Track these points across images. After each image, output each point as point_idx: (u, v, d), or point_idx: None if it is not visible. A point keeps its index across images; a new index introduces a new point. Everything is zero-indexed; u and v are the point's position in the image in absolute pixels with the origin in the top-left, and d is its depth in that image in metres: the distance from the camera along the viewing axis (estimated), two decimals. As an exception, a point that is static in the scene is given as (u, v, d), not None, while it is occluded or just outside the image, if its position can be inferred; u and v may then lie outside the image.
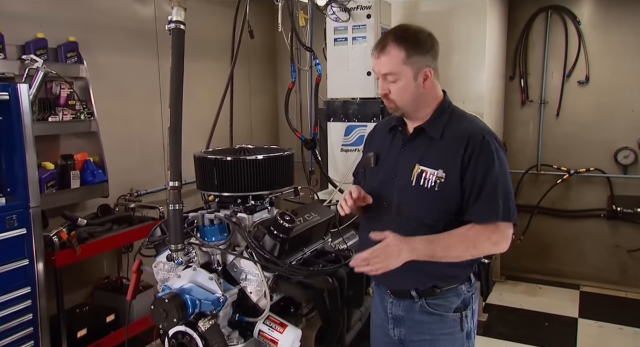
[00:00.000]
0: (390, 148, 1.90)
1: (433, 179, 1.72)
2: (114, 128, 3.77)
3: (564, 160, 4.67)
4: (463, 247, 1.67)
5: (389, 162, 1.87)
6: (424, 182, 1.74)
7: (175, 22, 2.09)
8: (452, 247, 1.67)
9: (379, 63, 1.77)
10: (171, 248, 1.97)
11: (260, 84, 5.30)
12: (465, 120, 1.82)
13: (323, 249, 2.45)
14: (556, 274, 4.81)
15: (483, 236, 1.67)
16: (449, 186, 1.71)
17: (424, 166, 1.75)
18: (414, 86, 1.76)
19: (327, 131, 3.36)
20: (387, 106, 1.83)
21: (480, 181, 1.68)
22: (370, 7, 3.36)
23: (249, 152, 2.26)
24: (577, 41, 4.51)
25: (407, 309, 1.89)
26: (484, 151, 1.70)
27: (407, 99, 1.77)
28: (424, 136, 1.80)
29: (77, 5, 3.56)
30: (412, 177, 1.76)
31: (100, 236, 3.21)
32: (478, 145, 1.70)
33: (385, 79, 1.77)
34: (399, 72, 1.73)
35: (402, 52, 1.72)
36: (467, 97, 3.93)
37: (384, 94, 1.79)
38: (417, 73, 1.75)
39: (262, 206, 2.31)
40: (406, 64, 1.73)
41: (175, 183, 1.98)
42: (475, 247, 1.67)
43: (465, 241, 1.67)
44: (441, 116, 1.81)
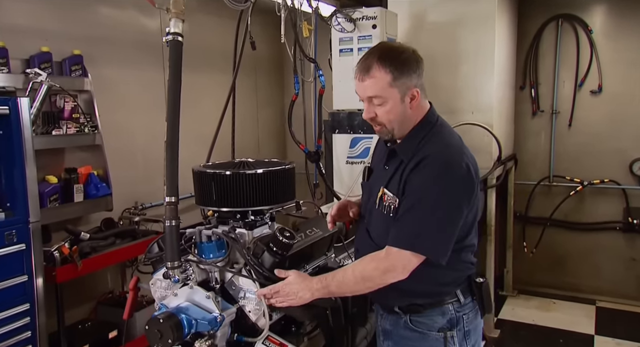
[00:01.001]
0: (380, 163, 1.87)
1: (388, 204, 1.70)
2: (119, 141, 3.75)
3: (577, 172, 4.56)
4: (353, 280, 1.67)
5: (376, 178, 1.86)
6: (381, 206, 1.72)
7: (173, 33, 2.06)
8: (345, 283, 1.68)
9: (363, 86, 1.69)
10: (167, 266, 1.91)
11: (268, 96, 5.27)
12: (431, 145, 1.70)
13: (326, 265, 2.38)
14: (571, 288, 4.68)
15: (370, 267, 1.66)
16: (397, 211, 1.67)
17: (387, 190, 1.72)
18: (401, 108, 1.69)
19: (332, 143, 3.30)
20: (375, 130, 1.78)
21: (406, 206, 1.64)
22: (375, 17, 3.33)
23: (249, 166, 2.20)
24: (589, 50, 4.43)
25: (393, 324, 1.87)
26: (420, 178, 1.63)
27: (395, 120, 1.70)
28: (396, 158, 1.75)
29: (83, 19, 3.56)
30: (377, 199, 1.75)
31: (103, 251, 3.17)
32: (420, 170, 1.63)
33: (371, 102, 1.69)
34: (385, 95, 1.66)
35: (388, 75, 1.64)
36: (476, 107, 3.86)
37: (370, 118, 1.73)
38: (404, 95, 1.68)
39: (262, 221, 2.25)
40: (392, 86, 1.65)
41: (171, 198, 1.92)
42: (364, 279, 1.66)
43: (355, 275, 1.66)
44: (416, 136, 1.72)
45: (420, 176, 1.63)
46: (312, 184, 3.40)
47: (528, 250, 4.69)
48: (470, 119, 3.82)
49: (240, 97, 4.93)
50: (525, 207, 4.75)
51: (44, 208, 3.06)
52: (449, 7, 3.88)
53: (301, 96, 3.53)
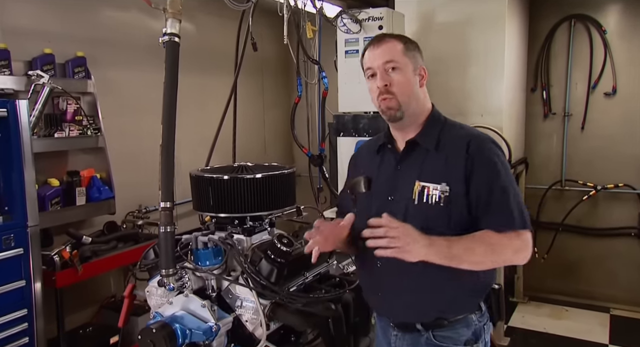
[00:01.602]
0: (381, 169, 1.76)
1: (437, 194, 1.58)
2: (123, 143, 3.72)
3: (590, 176, 4.44)
4: (482, 250, 1.52)
5: (383, 184, 1.72)
6: (427, 198, 1.59)
7: (169, 34, 2.02)
8: (472, 249, 1.52)
9: (377, 52, 1.64)
10: (162, 273, 1.86)
11: (274, 97, 5.23)
12: (460, 128, 1.71)
13: (327, 272, 2.32)
14: (584, 295, 4.55)
15: (504, 241, 1.53)
16: (455, 198, 1.57)
17: (424, 182, 1.61)
18: (413, 81, 1.65)
19: (337, 146, 3.23)
20: (385, 107, 1.64)
21: (487, 188, 1.56)
22: (382, 18, 3.26)
23: (248, 171, 2.15)
24: (603, 51, 4.31)
25: (412, 343, 1.73)
26: (486, 155, 1.59)
27: (409, 93, 1.63)
28: (418, 150, 1.67)
29: (86, 21, 3.54)
30: (413, 195, 1.61)
31: (104, 255, 3.14)
32: (478, 149, 1.59)
33: (385, 70, 1.62)
34: (400, 61, 1.62)
35: (400, 44, 1.65)
36: (486, 110, 3.78)
37: (384, 86, 1.62)
38: (415, 68, 1.66)
39: (261, 227, 2.19)
40: (405, 55, 1.64)
41: (166, 204, 1.88)
42: (496, 252, 1.53)
43: (485, 245, 1.52)
44: (434, 126, 1.69)
45: (484, 158, 1.58)
46: (316, 188, 3.33)
47: (539, 256, 4.58)
48: (480, 121, 3.73)
49: (247, 99, 4.92)
50: (536, 212, 4.64)
51: (45, 211, 3.04)
52: (458, 7, 3.80)
53: (305, 99, 3.46)
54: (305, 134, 3.57)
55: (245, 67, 4.77)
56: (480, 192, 1.56)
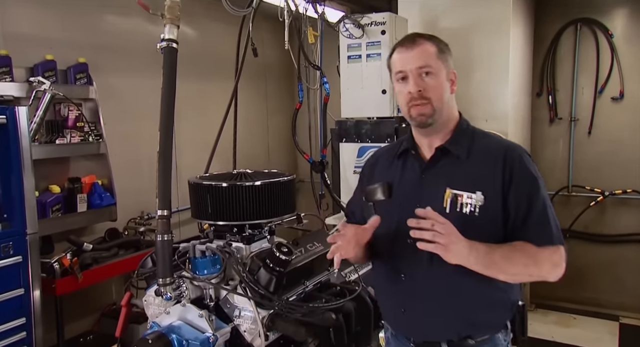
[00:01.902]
0: (403, 176, 1.66)
1: (471, 203, 1.50)
2: (126, 149, 3.71)
3: (598, 181, 4.38)
4: (523, 261, 1.45)
5: (408, 191, 1.62)
6: (460, 207, 1.51)
7: (167, 40, 1.98)
8: (511, 259, 1.45)
9: (411, 55, 1.54)
10: (159, 282, 1.83)
11: (278, 103, 5.21)
12: (491, 137, 1.65)
13: (328, 281, 2.28)
14: (592, 303, 4.48)
15: (544, 255, 1.46)
16: (490, 209, 1.49)
17: (456, 190, 1.52)
18: (446, 86, 1.58)
19: (339, 152, 3.20)
20: (416, 113, 1.55)
21: (527, 201, 1.49)
22: (384, 23, 3.23)
23: (247, 178, 2.12)
24: (610, 55, 4.26)
25: None
26: (525, 167, 1.53)
27: (442, 98, 1.55)
28: (447, 158, 1.58)
29: (89, 27, 3.54)
30: (444, 204, 1.52)
31: (105, 262, 3.12)
32: (517, 160, 1.53)
33: (419, 74, 1.53)
34: (435, 66, 1.54)
35: (434, 47, 1.56)
36: (491, 115, 3.73)
37: (417, 92, 1.53)
38: (448, 73, 1.58)
39: (260, 235, 2.16)
40: (439, 59, 1.56)
41: (163, 212, 1.84)
42: (536, 264, 1.45)
43: (526, 256, 1.45)
44: (463, 134, 1.61)
45: (524, 169, 1.52)
46: (318, 194, 3.30)
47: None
48: (485, 127, 3.63)
49: (250, 104, 4.90)
50: (543, 218, 4.57)
51: (46, 218, 3.03)
52: (461, 12, 3.76)
53: (307, 104, 3.43)
54: (307, 140, 3.53)
55: (249, 72, 4.77)
56: (520, 205, 1.49)
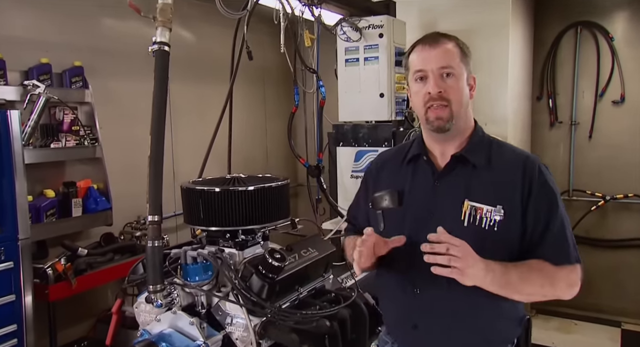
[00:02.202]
0: (414, 183, 1.58)
1: (492, 217, 1.44)
2: (122, 153, 3.68)
3: (599, 186, 4.34)
4: (540, 281, 1.40)
5: (419, 200, 1.54)
6: (480, 221, 1.44)
7: (159, 43, 1.94)
8: (528, 279, 1.39)
9: (433, 55, 1.48)
10: (149, 289, 1.80)
11: (276, 107, 5.18)
12: (507, 147, 1.59)
13: (323, 287, 2.24)
14: (593, 309, 4.42)
15: (562, 274, 1.42)
16: (510, 224, 1.44)
17: (475, 202, 1.46)
18: (466, 91, 1.53)
19: (336, 156, 3.17)
20: (434, 116, 1.48)
21: (546, 216, 1.44)
22: (382, 26, 3.20)
23: (240, 183, 2.08)
24: (611, 58, 4.22)
25: None
26: (544, 180, 1.47)
27: (462, 101, 1.50)
28: (463, 166, 1.51)
29: (85, 30, 3.52)
30: (462, 216, 1.46)
31: (100, 267, 3.09)
32: (537, 173, 1.47)
33: (440, 75, 1.47)
34: (457, 68, 1.48)
35: (457, 48, 1.51)
36: (490, 119, 3.68)
37: (438, 93, 1.47)
38: (468, 76, 1.54)
39: (254, 240, 2.13)
40: (462, 62, 1.51)
41: (154, 217, 1.81)
42: (552, 284, 1.41)
43: (543, 275, 1.40)
44: (480, 142, 1.56)
45: (544, 183, 1.46)
46: (315, 199, 3.26)
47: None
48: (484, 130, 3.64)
49: (249, 108, 4.88)
50: (543, 223, 4.53)
51: (40, 223, 3.01)
52: (460, 16, 3.73)
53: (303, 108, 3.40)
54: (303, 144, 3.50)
55: (247, 76, 4.77)
56: (539, 220, 1.44)
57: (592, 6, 4.26)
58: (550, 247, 1.43)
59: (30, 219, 2.92)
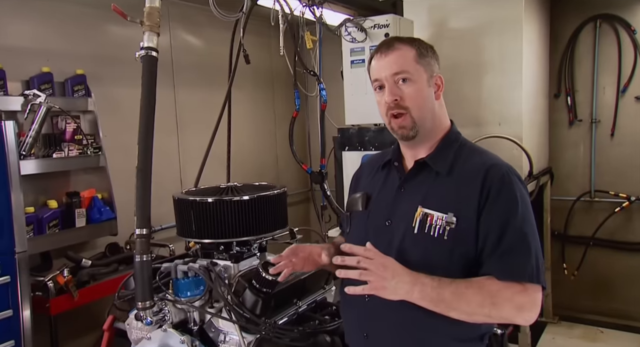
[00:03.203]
0: (383, 188, 1.54)
1: (441, 224, 1.36)
2: (127, 161, 3.58)
3: (622, 186, 4.13)
4: (477, 299, 1.28)
5: (382, 204, 1.51)
6: (429, 229, 1.37)
7: (146, 48, 1.88)
8: (464, 296, 1.28)
9: (385, 62, 1.42)
10: (138, 306, 1.72)
11: (286, 111, 5.08)
12: (479, 154, 1.48)
13: (324, 300, 2.14)
14: (620, 315, 4.21)
15: (506, 294, 1.29)
16: (461, 233, 1.35)
17: (428, 209, 1.39)
18: (427, 93, 1.44)
19: (342, 161, 3.06)
20: (396, 126, 1.43)
21: (501, 226, 1.33)
22: (388, 25, 3.10)
23: (234, 192, 2.00)
24: (633, 52, 4.01)
25: None
26: (506, 188, 1.36)
27: (422, 107, 1.42)
28: (427, 172, 1.46)
29: (88, 38, 3.48)
30: (413, 223, 1.39)
31: (103, 279, 3.03)
32: (497, 179, 1.36)
33: (395, 82, 1.41)
34: (412, 71, 1.41)
35: (412, 50, 1.43)
36: (503, 119, 3.55)
37: (394, 101, 1.40)
38: (430, 77, 1.45)
39: (250, 252, 2.04)
40: (418, 63, 1.43)
41: (142, 231, 1.74)
42: (493, 304, 1.28)
43: (483, 294, 1.29)
44: (448, 148, 1.47)
45: (505, 191, 1.36)
46: (319, 206, 3.15)
47: (569, 272, 4.27)
48: (497, 131, 3.50)
49: (258, 113, 4.80)
50: (564, 225, 4.34)
51: (43, 234, 2.96)
52: (472, 13, 3.59)
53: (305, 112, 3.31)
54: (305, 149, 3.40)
55: (255, 80, 4.69)
56: (491, 229, 1.33)
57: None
58: (501, 260, 1.31)
59: (33, 231, 2.89)
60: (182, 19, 4.12)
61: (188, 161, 4.11)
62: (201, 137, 4.10)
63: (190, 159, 4.11)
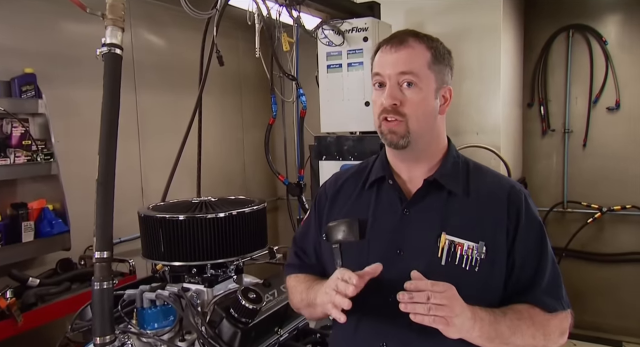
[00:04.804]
0: (380, 211, 1.32)
1: (473, 255, 1.21)
2: (83, 169, 3.28)
3: (595, 197, 4.12)
4: (532, 332, 1.20)
5: (385, 232, 1.29)
6: (460, 260, 1.21)
7: (109, 45, 1.65)
8: (519, 328, 1.19)
9: (395, 58, 1.23)
10: (95, 342, 1.48)
11: (254, 117, 4.88)
12: (486, 173, 1.34)
13: (307, 326, 1.95)
14: (592, 327, 4.19)
15: (555, 322, 1.24)
16: (493, 265, 1.22)
17: (454, 237, 1.22)
18: (433, 105, 1.26)
19: (318, 171, 2.88)
20: (386, 129, 1.25)
21: (537, 258, 1.26)
22: (367, 29, 2.95)
23: (209, 208, 1.78)
24: (604, 63, 4.03)
25: None
26: (531, 213, 1.27)
27: (422, 118, 1.24)
28: (437, 192, 1.28)
29: (38, 33, 3.17)
30: (439, 253, 1.22)
31: (53, 300, 2.74)
32: (524, 207, 1.26)
33: (398, 83, 1.23)
34: (422, 75, 1.23)
35: (428, 52, 1.24)
36: (481, 128, 3.47)
37: (392, 105, 1.23)
38: (440, 88, 1.27)
39: (225, 275, 1.83)
40: (431, 69, 1.24)
41: (102, 254, 1.50)
42: (545, 335, 1.22)
43: (535, 325, 1.21)
44: (454, 165, 1.31)
45: (532, 218, 1.27)
46: (296, 219, 2.97)
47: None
48: (475, 140, 3.42)
49: (225, 119, 4.57)
50: (537, 236, 4.30)
51: (-18, 251, 2.65)
52: (450, 18, 3.50)
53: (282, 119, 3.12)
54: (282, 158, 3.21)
55: (223, 84, 4.46)
56: (529, 262, 1.25)
57: (584, 9, 4.07)
58: (543, 293, 1.25)
59: (-29, 248, 2.58)
60: (145, 18, 3.86)
61: (150, 169, 3.85)
62: (164, 143, 3.85)
63: (152, 167, 3.85)
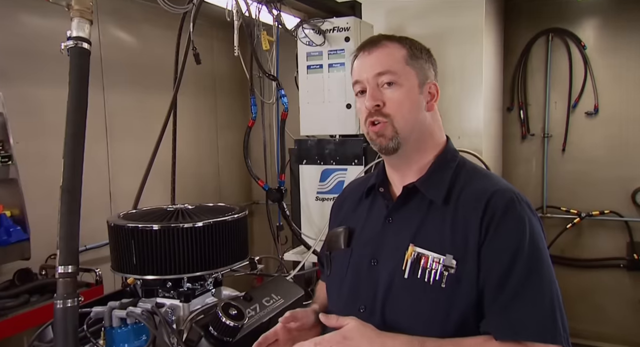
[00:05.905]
0: (368, 219, 1.29)
1: (437, 268, 1.10)
2: (45, 172, 3.11)
3: (574, 202, 4.11)
4: None
5: (367, 240, 1.25)
6: (422, 273, 1.12)
7: (75, 38, 1.50)
8: None
9: (370, 60, 1.20)
10: (57, 367, 1.32)
11: (229, 119, 4.72)
12: (481, 178, 1.23)
13: (291, 343, 1.82)
14: (570, 333, 4.15)
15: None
16: (462, 279, 1.10)
17: (421, 248, 1.14)
18: (417, 100, 1.20)
19: (299, 176, 2.76)
20: (373, 132, 1.20)
21: (503, 266, 1.08)
22: (349, 28, 2.86)
23: (185, 216, 1.64)
24: (583, 67, 4.02)
25: None
26: (510, 217, 1.11)
27: (409, 116, 1.19)
28: (419, 200, 1.20)
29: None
30: (404, 265, 1.14)
31: (9, 314, 2.53)
32: (501, 208, 1.11)
33: (377, 84, 1.19)
34: (400, 72, 1.19)
35: (403, 49, 1.22)
36: (463, 132, 3.41)
37: (374, 106, 1.18)
38: (423, 84, 1.21)
39: (203, 288, 1.69)
40: (409, 64, 1.20)
41: (67, 268, 1.34)
42: None
43: None
44: (444, 169, 1.22)
45: (510, 220, 1.11)
46: (275, 226, 2.84)
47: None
48: (458, 144, 3.28)
49: (198, 121, 4.40)
50: (516, 241, 4.28)
51: None
52: (431, 20, 3.44)
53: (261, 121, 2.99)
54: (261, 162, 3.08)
55: (196, 84, 4.29)
56: (491, 271, 1.09)
57: (564, 13, 4.06)
58: (504, 312, 1.07)
59: None
60: (113, 13, 3.67)
61: (118, 172, 3.66)
62: (134, 145, 3.67)
63: (120, 169, 3.66)
